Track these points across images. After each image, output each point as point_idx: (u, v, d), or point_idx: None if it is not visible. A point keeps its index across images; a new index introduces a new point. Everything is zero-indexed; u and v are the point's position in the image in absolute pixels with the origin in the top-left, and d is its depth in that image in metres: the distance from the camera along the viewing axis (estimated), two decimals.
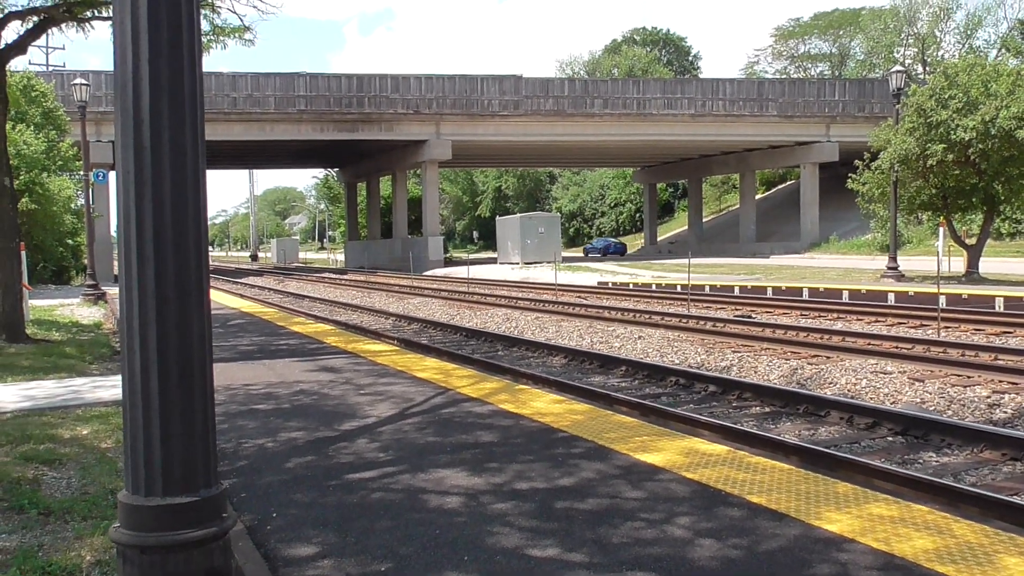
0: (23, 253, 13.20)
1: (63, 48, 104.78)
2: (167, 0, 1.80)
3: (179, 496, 1.94)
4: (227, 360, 10.05)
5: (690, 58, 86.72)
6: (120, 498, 2.06)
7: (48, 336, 12.92)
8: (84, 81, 22.98)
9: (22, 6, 12.85)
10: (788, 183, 61.99)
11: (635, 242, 65.44)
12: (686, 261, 24.88)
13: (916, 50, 53.63)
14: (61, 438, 5.94)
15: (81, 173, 26.09)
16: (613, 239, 62.63)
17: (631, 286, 27.59)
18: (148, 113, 1.82)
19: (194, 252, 1.90)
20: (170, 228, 1.84)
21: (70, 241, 32.39)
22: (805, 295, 21.46)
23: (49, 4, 12.66)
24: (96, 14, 12.13)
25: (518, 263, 43.29)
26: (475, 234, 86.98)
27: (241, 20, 13.60)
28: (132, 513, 2.02)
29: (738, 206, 54.91)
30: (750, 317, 16.47)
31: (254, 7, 13.28)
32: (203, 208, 1.96)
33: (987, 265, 25.81)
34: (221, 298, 22.69)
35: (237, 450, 5.57)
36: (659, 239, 61.00)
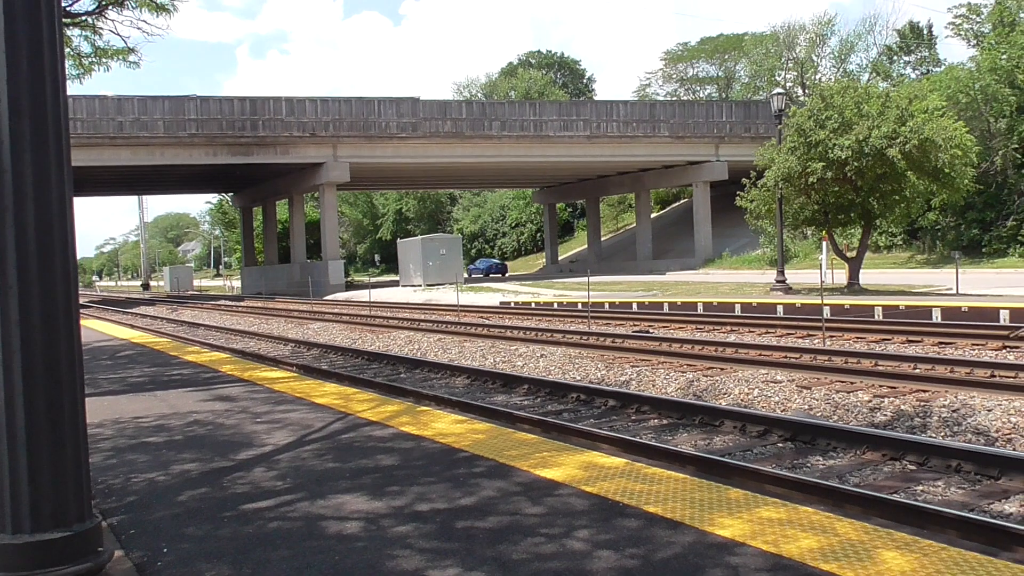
0: None
1: None
2: (24, 17, 1.74)
3: (50, 532, 1.85)
4: (116, 392, 9.63)
5: (584, 80, 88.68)
6: None
7: None
8: None
9: None
10: (682, 201, 63.93)
11: (536, 261, 66.18)
12: (586, 279, 25.31)
13: (796, 73, 56.31)
14: None
15: None
16: (496, 260, 63.43)
17: (533, 305, 27.85)
18: (8, 135, 1.74)
19: (61, 279, 1.83)
20: (35, 255, 1.77)
21: None
22: (700, 309, 22.11)
23: None
24: None
25: (420, 285, 43.13)
26: (377, 257, 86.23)
27: (125, 42, 13.20)
28: (0, 553, 1.91)
29: (635, 225, 56.25)
30: (648, 332, 16.85)
31: (138, 28, 12.88)
32: (71, 233, 1.89)
33: (867, 276, 27.17)
34: (110, 329, 21.74)
35: (126, 485, 5.34)
36: (560, 258, 61.84)
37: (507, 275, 57.59)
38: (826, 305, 17.42)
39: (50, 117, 1.80)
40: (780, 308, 20.52)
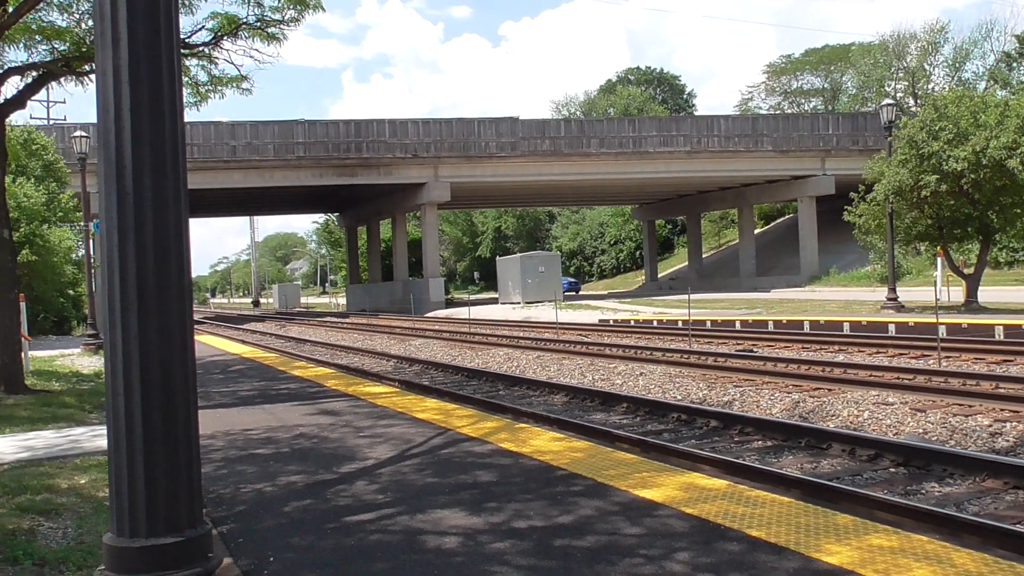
0: (22, 304, 13.24)
1: (64, 102, 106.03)
2: (147, 54, 1.85)
3: (164, 536, 1.95)
4: (227, 405, 10.03)
5: (685, 96, 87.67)
6: (105, 540, 2.06)
7: (48, 386, 12.90)
8: (84, 133, 23.24)
9: (21, 62, 13.07)
10: (786, 217, 62.27)
11: (636, 279, 65.55)
12: (687, 297, 24.92)
13: (906, 83, 54.23)
14: (58, 488, 5.92)
15: (81, 224, 26.27)
16: (570, 278, 63.64)
17: (632, 323, 27.58)
18: (130, 161, 1.87)
19: (176, 296, 1.93)
20: (152, 273, 1.88)
21: (71, 291, 32.49)
22: (806, 328, 21.44)
23: (48, 59, 12.86)
24: (94, 68, 12.32)
25: (519, 303, 43.33)
26: (476, 275, 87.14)
27: (238, 70, 13.81)
28: (117, 555, 2.02)
29: (737, 241, 55.08)
30: (752, 351, 16.44)
31: (251, 57, 13.47)
32: (186, 253, 1.99)
33: (986, 294, 25.81)
34: (223, 344, 22.69)
35: (235, 495, 5.54)
36: (660, 275, 61.10)
37: (579, 292, 57.57)
38: (941, 324, 16.60)
39: (168, 144, 1.91)
40: (892, 327, 19.70)
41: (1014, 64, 53.38)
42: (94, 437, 8.14)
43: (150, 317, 1.88)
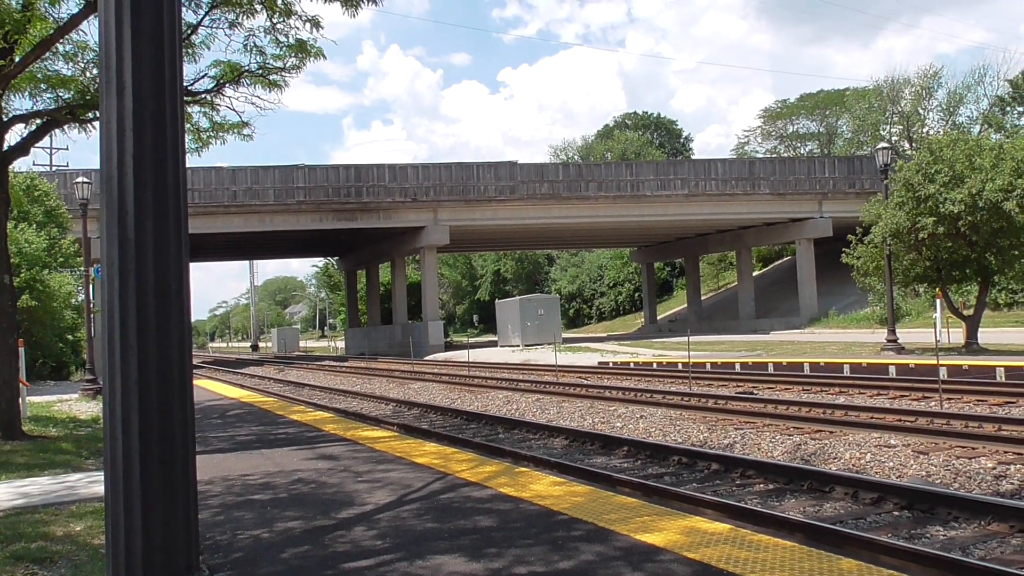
0: (21, 350, 13.22)
1: (66, 148, 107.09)
2: (151, 98, 1.89)
3: None
4: (225, 451, 9.96)
5: (682, 140, 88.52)
6: None
7: (45, 432, 12.82)
8: (86, 179, 23.41)
9: (26, 110, 13.22)
10: (785, 259, 62.44)
11: (635, 321, 65.49)
12: (686, 339, 24.87)
13: (901, 127, 54.75)
14: (54, 535, 5.85)
15: (82, 269, 26.33)
16: None
17: (632, 365, 27.50)
18: (132, 206, 1.89)
19: (177, 341, 1.93)
20: (153, 316, 1.89)
21: (70, 337, 32.43)
22: (806, 370, 21.38)
23: (52, 107, 13.02)
24: (97, 115, 12.45)
25: (519, 345, 43.26)
26: (475, 318, 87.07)
27: (239, 116, 13.95)
28: None
29: (736, 283, 55.17)
30: (752, 393, 16.38)
31: (252, 104, 13.62)
32: (186, 297, 2.00)
33: (986, 336, 25.79)
34: (221, 388, 22.60)
35: (232, 541, 5.48)
36: (659, 318, 61.07)
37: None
38: (942, 366, 16.56)
39: (170, 188, 1.93)
40: (892, 369, 19.64)
41: (1007, 108, 53.99)
42: (90, 483, 8.07)
43: (150, 361, 1.88)
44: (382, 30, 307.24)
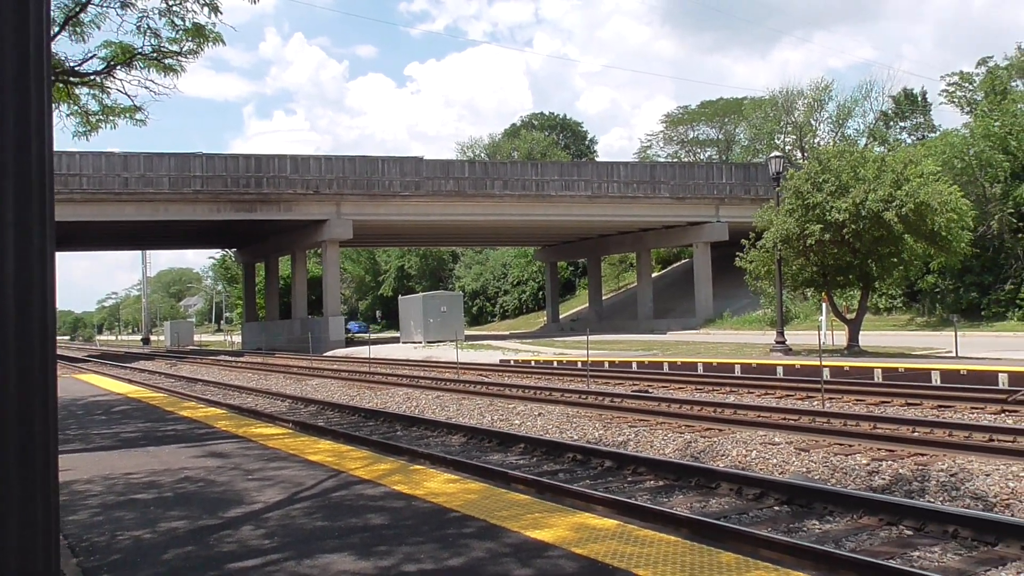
0: None
1: None
2: (12, 83, 1.80)
3: None
4: (108, 448, 9.57)
5: (586, 142, 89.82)
6: None
7: None
8: None
9: None
10: (683, 261, 64.16)
11: (538, 320, 66.15)
12: (586, 338, 25.27)
13: (794, 137, 57.00)
14: None
15: None
16: (360, 322, 65.59)
17: (533, 363, 27.77)
18: None
19: (39, 335, 1.85)
20: (13, 310, 1.80)
21: None
22: (700, 370, 22.03)
23: None
24: None
25: (421, 342, 43.06)
26: (378, 313, 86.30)
27: (132, 100, 13.42)
28: None
29: (636, 284, 56.38)
30: (647, 392, 16.77)
31: (146, 88, 13.10)
32: (51, 290, 1.92)
33: (866, 338, 27.13)
34: (107, 384, 21.67)
35: (111, 543, 5.28)
36: (561, 316, 61.84)
37: (369, 336, 54.12)
38: (825, 367, 17.36)
39: (34, 177, 1.84)
40: (780, 369, 20.45)
41: (891, 123, 56.92)
42: None
43: (8, 358, 1.79)
44: (286, 17, 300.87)
